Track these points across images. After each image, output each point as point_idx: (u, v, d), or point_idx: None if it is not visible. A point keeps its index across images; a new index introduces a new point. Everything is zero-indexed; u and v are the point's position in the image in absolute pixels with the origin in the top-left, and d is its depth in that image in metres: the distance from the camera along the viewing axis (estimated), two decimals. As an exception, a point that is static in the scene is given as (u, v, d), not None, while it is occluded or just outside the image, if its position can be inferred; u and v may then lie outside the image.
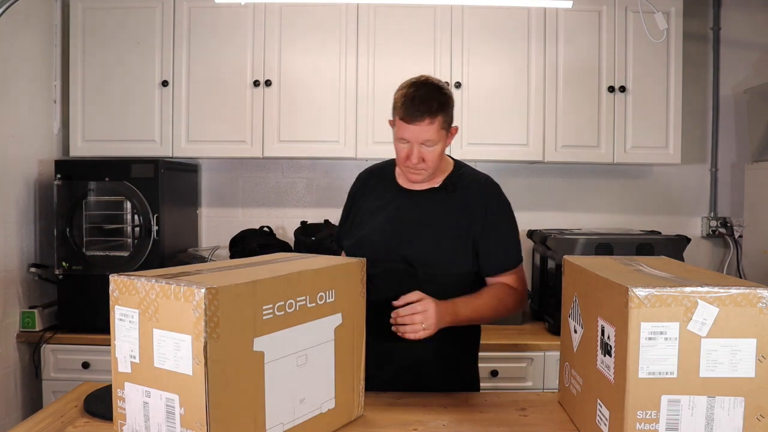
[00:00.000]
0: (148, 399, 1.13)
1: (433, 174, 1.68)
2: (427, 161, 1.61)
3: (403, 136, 1.61)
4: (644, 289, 1.09)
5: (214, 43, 2.76)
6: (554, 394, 1.60)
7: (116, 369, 1.17)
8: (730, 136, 3.15)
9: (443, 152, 1.66)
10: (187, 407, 1.08)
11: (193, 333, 1.05)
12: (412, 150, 1.60)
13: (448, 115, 1.62)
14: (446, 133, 1.63)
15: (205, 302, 1.03)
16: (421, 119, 1.56)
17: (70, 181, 2.56)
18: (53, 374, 2.55)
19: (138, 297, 1.12)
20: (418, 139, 1.58)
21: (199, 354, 1.05)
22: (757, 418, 1.10)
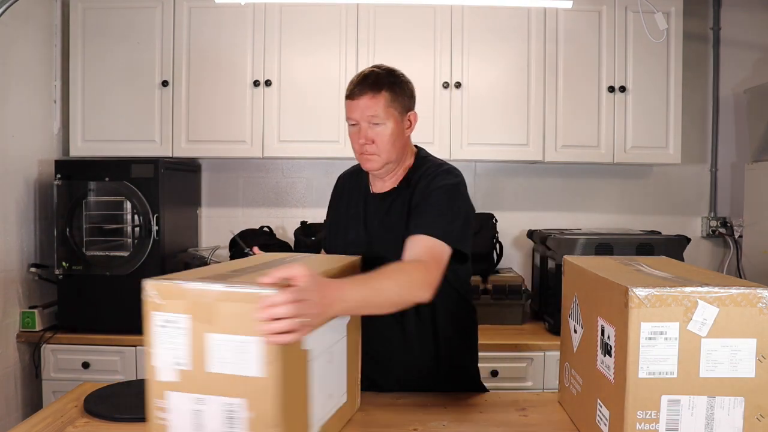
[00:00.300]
0: (200, 406, 1.09)
1: (388, 161, 1.58)
2: (377, 143, 1.54)
3: (350, 116, 1.57)
4: (644, 289, 1.09)
5: (214, 43, 2.76)
6: (554, 394, 1.60)
7: (154, 378, 1.11)
8: (730, 136, 3.15)
9: (397, 137, 1.57)
10: (257, 411, 1.06)
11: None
12: (360, 131, 1.55)
13: (399, 96, 1.56)
14: (398, 115, 1.56)
15: None
16: (363, 93, 1.53)
17: (70, 181, 2.56)
18: (53, 374, 2.55)
19: (188, 301, 1.08)
20: (364, 116, 1.54)
21: (271, 354, 1.04)
22: (757, 418, 1.10)
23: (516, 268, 3.08)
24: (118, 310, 2.54)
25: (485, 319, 2.71)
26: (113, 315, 2.54)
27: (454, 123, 2.75)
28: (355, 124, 1.57)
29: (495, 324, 2.71)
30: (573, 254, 2.50)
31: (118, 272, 2.55)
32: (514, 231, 3.10)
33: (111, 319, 2.54)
